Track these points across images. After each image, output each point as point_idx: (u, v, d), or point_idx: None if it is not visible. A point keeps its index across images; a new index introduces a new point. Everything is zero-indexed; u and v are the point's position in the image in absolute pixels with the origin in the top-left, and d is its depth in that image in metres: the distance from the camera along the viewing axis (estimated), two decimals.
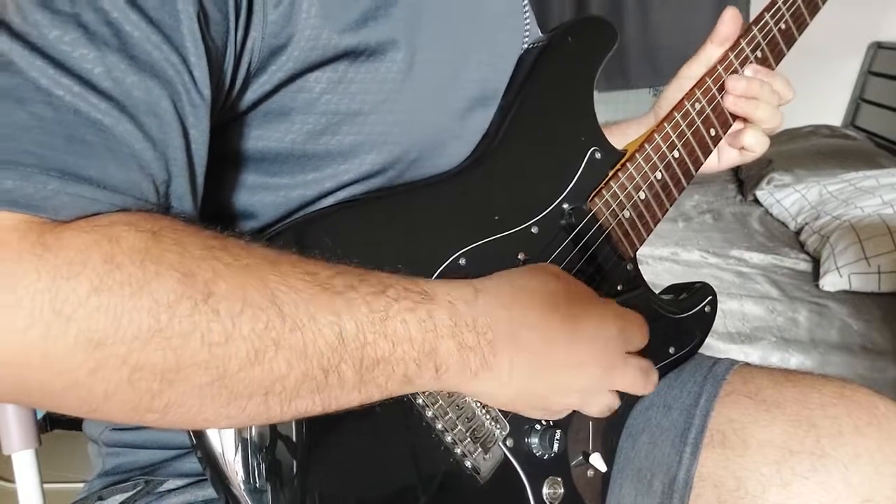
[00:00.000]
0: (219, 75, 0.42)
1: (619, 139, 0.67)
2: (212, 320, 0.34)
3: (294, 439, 0.43)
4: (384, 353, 0.39)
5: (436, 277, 0.49)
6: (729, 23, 0.68)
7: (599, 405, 0.50)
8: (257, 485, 0.41)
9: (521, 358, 0.44)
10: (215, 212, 0.49)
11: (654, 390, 0.52)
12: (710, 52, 0.69)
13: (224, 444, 0.41)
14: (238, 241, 0.38)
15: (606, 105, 2.63)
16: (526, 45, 0.62)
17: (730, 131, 0.70)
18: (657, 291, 0.67)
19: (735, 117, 0.69)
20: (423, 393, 0.47)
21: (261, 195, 0.49)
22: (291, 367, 0.36)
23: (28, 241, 0.32)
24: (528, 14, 0.64)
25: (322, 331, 0.37)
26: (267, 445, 0.42)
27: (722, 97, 0.68)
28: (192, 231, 0.36)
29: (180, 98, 0.38)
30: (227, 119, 0.46)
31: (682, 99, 0.67)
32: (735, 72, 0.69)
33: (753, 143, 0.69)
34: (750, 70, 0.68)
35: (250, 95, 0.45)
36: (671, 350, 0.65)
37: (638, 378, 0.50)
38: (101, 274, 0.32)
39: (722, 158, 0.72)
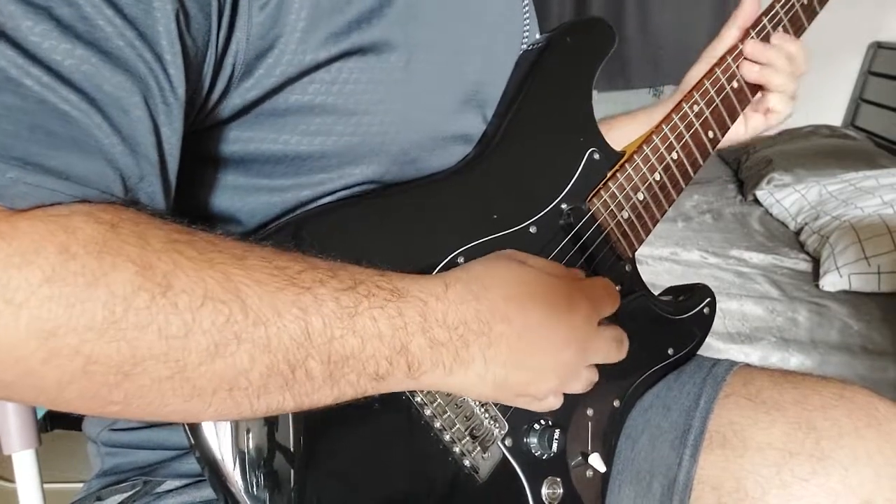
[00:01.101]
0: (198, 75, 0.41)
1: (614, 133, 0.67)
2: (170, 313, 0.34)
3: (292, 438, 0.43)
4: (353, 349, 0.38)
5: None
6: (748, 7, 0.71)
7: (581, 382, 0.50)
8: (256, 485, 0.41)
9: (494, 350, 0.44)
10: (209, 214, 0.49)
11: (626, 355, 0.53)
12: (731, 33, 0.71)
13: (222, 445, 0.41)
14: (206, 236, 0.37)
15: (606, 105, 2.61)
16: (525, 46, 0.62)
17: (754, 98, 0.72)
18: (657, 292, 0.68)
19: (753, 89, 0.70)
20: (422, 391, 0.47)
21: (254, 197, 0.49)
22: (255, 361, 0.36)
23: None
24: (527, 15, 0.64)
25: (287, 326, 0.36)
26: (265, 445, 0.42)
27: (722, 100, 0.68)
28: (156, 224, 0.36)
29: (153, 95, 0.38)
30: (217, 121, 0.45)
31: (681, 101, 0.67)
32: (733, 75, 0.69)
33: (777, 104, 0.72)
34: (773, 38, 0.70)
35: (238, 99, 0.44)
36: (670, 351, 0.65)
37: (612, 348, 0.51)
38: (55, 264, 0.32)
39: (749, 125, 0.74)
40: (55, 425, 1.40)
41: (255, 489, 0.41)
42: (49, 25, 0.34)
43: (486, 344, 0.43)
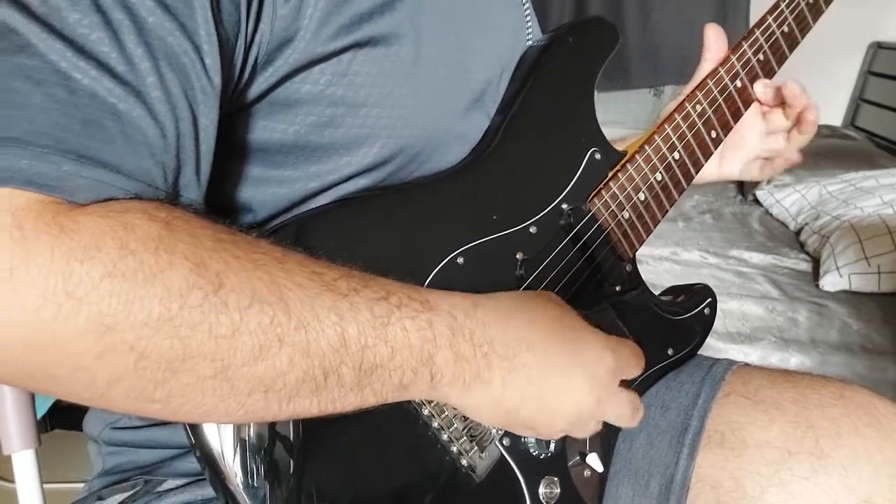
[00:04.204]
0: (229, 65, 0.42)
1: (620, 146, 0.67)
2: (220, 312, 0.34)
3: (291, 438, 0.43)
4: (383, 358, 0.39)
5: (434, 275, 0.49)
6: (713, 38, 0.70)
7: (585, 431, 0.50)
8: (255, 483, 0.41)
9: (514, 377, 0.44)
10: (217, 204, 0.49)
11: (637, 424, 0.52)
12: (705, 70, 0.70)
13: (222, 444, 0.41)
14: (246, 237, 0.38)
15: (606, 105, 2.61)
16: (528, 45, 0.62)
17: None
18: (657, 292, 0.67)
19: (736, 119, 0.69)
20: None
21: (263, 187, 0.49)
22: (293, 364, 0.36)
23: (43, 221, 0.32)
24: (528, 15, 0.64)
25: (325, 331, 0.37)
26: (265, 444, 0.42)
27: (724, 100, 0.68)
28: (203, 223, 0.36)
29: (192, 86, 0.38)
30: (233, 110, 0.46)
31: (683, 100, 0.67)
32: (736, 74, 0.69)
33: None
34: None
35: (256, 88, 0.45)
36: (670, 351, 0.65)
37: (626, 412, 0.50)
38: (115, 259, 0.32)
39: (730, 169, 0.76)
40: (55, 425, 1.40)
41: (254, 487, 0.41)
42: (96, 18, 0.35)
43: (507, 369, 0.43)
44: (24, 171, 0.32)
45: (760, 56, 0.70)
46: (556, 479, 0.54)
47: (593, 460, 0.57)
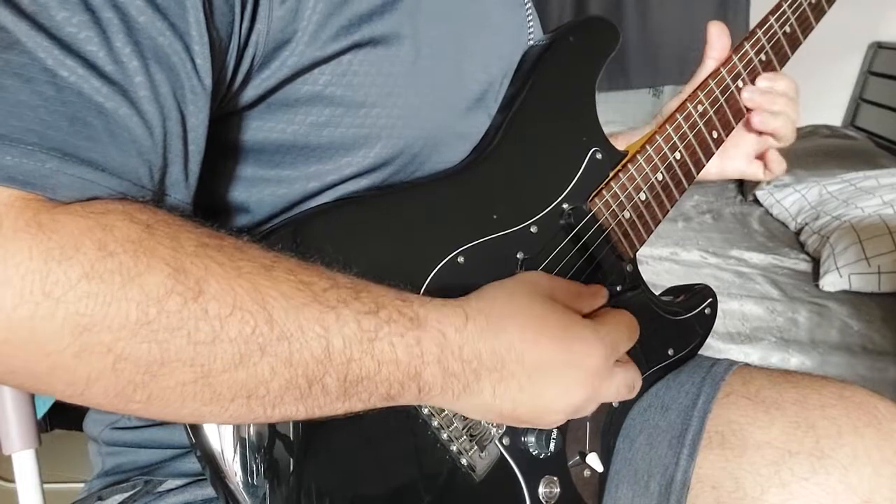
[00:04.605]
0: (221, 66, 0.42)
1: (620, 142, 0.67)
2: (200, 319, 0.34)
3: (291, 438, 0.43)
4: (369, 371, 0.39)
5: (434, 275, 0.49)
6: (717, 36, 0.69)
7: (586, 413, 0.50)
8: (256, 483, 0.41)
9: (504, 386, 0.44)
10: (215, 205, 0.49)
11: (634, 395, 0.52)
12: (709, 67, 0.70)
13: (223, 443, 0.41)
14: (234, 242, 0.38)
15: (606, 105, 2.61)
16: (529, 45, 0.62)
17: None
18: (657, 292, 0.67)
19: (738, 119, 0.69)
20: None
21: (261, 188, 0.49)
22: (275, 373, 0.36)
23: (23, 218, 0.32)
24: (530, 15, 0.64)
25: (309, 343, 0.37)
26: (265, 444, 0.42)
27: (726, 100, 0.68)
28: (187, 227, 0.36)
29: (182, 86, 0.38)
30: (230, 111, 0.46)
31: (685, 100, 0.67)
32: (738, 74, 0.69)
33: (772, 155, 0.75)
34: (763, 81, 0.69)
35: (253, 90, 0.45)
36: (670, 352, 0.65)
37: (622, 392, 0.50)
38: (93, 260, 0.32)
39: (730, 167, 0.75)
40: (55, 425, 1.40)
41: (255, 486, 0.41)
42: (84, 17, 0.35)
43: (497, 379, 0.43)
44: (8, 167, 0.32)
45: (762, 56, 0.70)
46: (555, 478, 0.54)
47: (593, 460, 0.57)
